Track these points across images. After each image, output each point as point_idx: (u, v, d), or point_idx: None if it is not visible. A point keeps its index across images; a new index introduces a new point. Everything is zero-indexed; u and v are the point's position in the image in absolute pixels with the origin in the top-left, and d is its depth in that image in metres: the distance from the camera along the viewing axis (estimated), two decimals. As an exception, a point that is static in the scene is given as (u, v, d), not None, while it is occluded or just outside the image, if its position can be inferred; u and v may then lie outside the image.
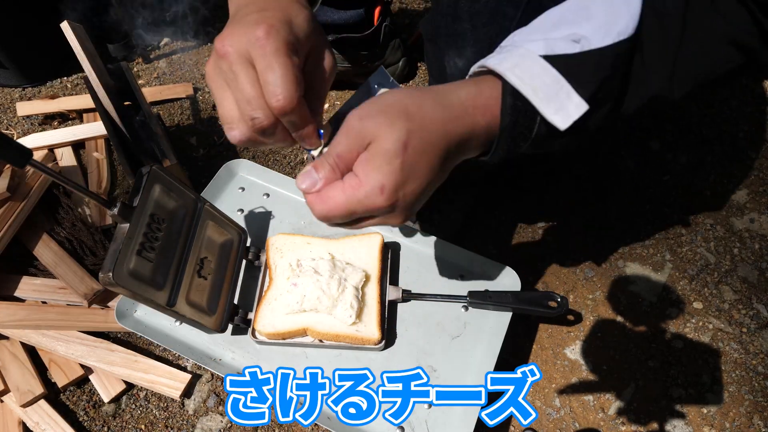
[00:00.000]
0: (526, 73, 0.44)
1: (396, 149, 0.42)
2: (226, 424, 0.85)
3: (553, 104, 0.45)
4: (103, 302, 0.93)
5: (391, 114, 0.43)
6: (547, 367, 0.90)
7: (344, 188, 0.44)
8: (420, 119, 0.43)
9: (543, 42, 0.45)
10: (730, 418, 0.85)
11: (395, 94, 0.45)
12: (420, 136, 0.43)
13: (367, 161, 0.43)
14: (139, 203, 0.62)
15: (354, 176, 0.44)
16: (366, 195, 0.43)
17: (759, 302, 0.96)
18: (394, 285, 0.82)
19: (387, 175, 0.43)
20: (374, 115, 0.43)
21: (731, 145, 1.15)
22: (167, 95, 1.26)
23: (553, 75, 0.44)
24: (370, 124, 0.43)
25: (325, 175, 0.46)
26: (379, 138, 0.43)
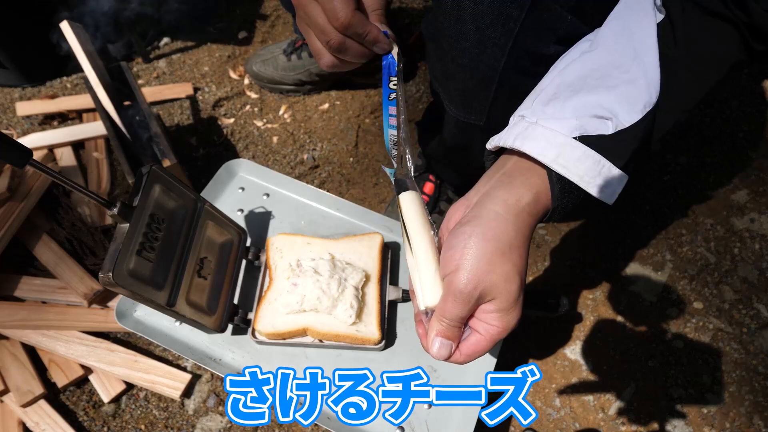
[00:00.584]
0: (570, 161, 0.47)
1: (518, 292, 0.48)
2: (226, 424, 0.85)
3: (598, 183, 0.48)
4: (103, 302, 0.93)
5: (499, 267, 0.47)
6: (547, 367, 0.90)
7: (486, 338, 0.50)
8: (515, 250, 0.48)
9: (574, 121, 0.48)
10: (730, 418, 0.85)
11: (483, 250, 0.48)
12: (521, 261, 0.49)
13: (503, 315, 0.48)
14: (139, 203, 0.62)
15: (491, 326, 0.49)
16: (506, 333, 0.49)
17: (759, 302, 0.96)
18: (394, 285, 0.82)
19: (516, 312, 0.49)
20: (483, 275, 0.47)
21: (731, 145, 1.15)
22: (167, 95, 1.26)
23: (593, 157, 0.48)
24: (486, 286, 0.47)
25: (456, 337, 0.51)
26: (501, 292, 0.47)
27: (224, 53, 1.35)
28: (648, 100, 0.48)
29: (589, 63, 0.51)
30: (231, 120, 1.23)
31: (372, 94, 1.27)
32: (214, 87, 1.29)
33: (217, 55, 1.35)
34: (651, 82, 0.48)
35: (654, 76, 0.48)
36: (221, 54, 1.35)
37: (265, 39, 1.39)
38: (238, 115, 1.24)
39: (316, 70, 1.21)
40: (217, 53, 1.36)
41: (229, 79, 1.31)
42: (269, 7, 1.45)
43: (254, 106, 1.26)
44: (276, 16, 1.43)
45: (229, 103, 1.26)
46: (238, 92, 1.28)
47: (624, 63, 0.49)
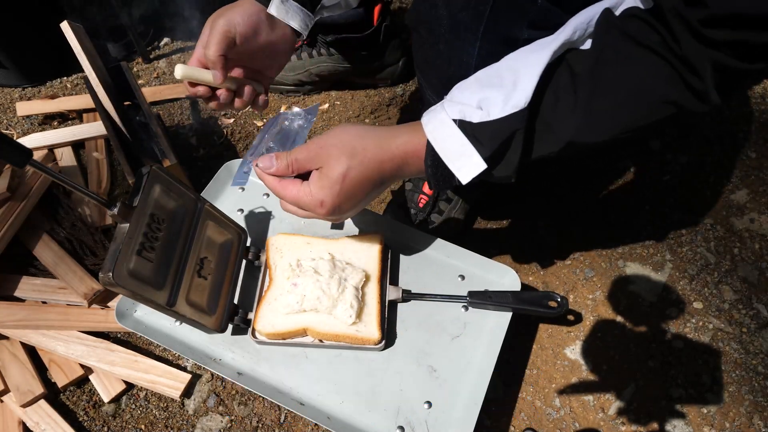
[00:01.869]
0: (440, 135, 0.57)
1: (337, 178, 0.59)
2: (227, 424, 0.85)
3: (458, 162, 0.57)
4: (103, 302, 0.93)
5: (340, 149, 0.59)
6: (547, 367, 0.90)
7: (300, 189, 0.61)
8: (361, 158, 0.59)
9: (459, 107, 0.57)
10: (730, 418, 0.85)
11: (349, 132, 0.61)
12: (358, 170, 0.59)
13: (318, 180, 0.60)
14: (139, 203, 0.62)
15: (308, 186, 0.61)
16: (310, 202, 0.61)
17: (759, 302, 0.96)
18: (394, 285, 0.82)
19: (327, 196, 0.60)
20: (329, 146, 0.60)
21: (731, 145, 1.15)
22: (167, 95, 1.26)
23: (460, 140, 0.57)
24: (324, 153, 0.60)
25: (281, 166, 0.62)
26: (328, 166, 0.59)
27: (224, 53, 1.35)
28: (517, 102, 0.55)
29: (499, 63, 0.59)
30: (231, 120, 1.23)
31: (372, 94, 1.27)
32: (214, 87, 1.29)
33: (217, 55, 1.35)
34: (527, 89, 0.55)
35: (531, 84, 0.54)
36: (221, 54, 1.35)
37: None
38: (238, 115, 1.24)
39: (316, 71, 1.22)
40: (217, 53, 1.36)
41: (229, 79, 1.30)
42: (269, 7, 1.45)
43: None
44: (276, 16, 1.43)
45: (229, 103, 1.26)
46: (238, 92, 1.28)
47: (517, 69, 0.56)
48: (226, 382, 0.88)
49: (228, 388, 0.88)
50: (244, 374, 0.76)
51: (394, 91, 1.27)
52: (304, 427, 0.85)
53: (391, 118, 1.24)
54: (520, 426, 0.85)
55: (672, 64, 0.49)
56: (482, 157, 0.56)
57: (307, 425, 0.85)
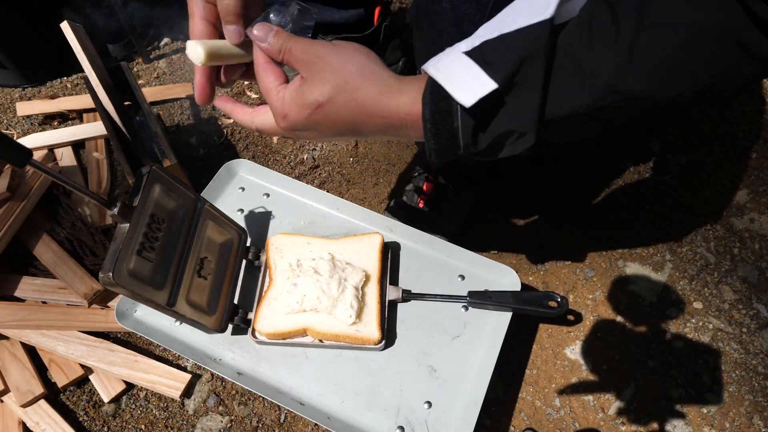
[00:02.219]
0: (444, 65, 0.48)
1: (311, 103, 0.51)
2: (227, 424, 0.85)
3: (461, 85, 0.46)
4: (103, 302, 0.93)
5: (333, 74, 0.50)
6: (547, 367, 0.90)
7: (277, 87, 0.53)
8: (347, 97, 0.50)
9: (468, 41, 0.49)
10: (730, 418, 0.85)
11: (354, 62, 0.51)
12: (337, 108, 0.51)
13: (295, 91, 0.52)
14: (139, 203, 0.62)
15: (284, 89, 0.53)
16: (276, 106, 0.53)
17: (759, 302, 0.96)
18: (394, 285, 0.82)
19: (293, 113, 0.52)
20: (326, 63, 0.51)
21: (731, 145, 1.15)
22: (167, 95, 1.26)
23: (466, 62, 0.47)
24: (317, 66, 0.51)
25: (274, 46, 0.53)
26: (311, 84, 0.51)
27: (224, 53, 1.35)
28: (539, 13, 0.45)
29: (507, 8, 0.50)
30: (231, 120, 1.23)
31: (372, 94, 1.27)
32: (214, 87, 1.29)
33: (217, 55, 1.35)
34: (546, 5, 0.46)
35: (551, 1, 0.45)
36: (221, 54, 1.35)
37: (265, 39, 1.39)
38: (238, 115, 1.24)
39: (316, 70, 1.21)
40: (217, 53, 1.36)
41: (229, 79, 1.31)
42: (269, 7, 1.45)
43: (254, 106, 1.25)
44: (276, 16, 1.43)
45: (229, 103, 1.26)
46: (238, 92, 1.28)
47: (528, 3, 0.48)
48: (226, 382, 0.88)
49: (228, 388, 0.88)
50: (244, 374, 0.76)
51: (394, 91, 1.27)
52: (304, 427, 0.85)
53: (391, 118, 1.23)
54: (520, 426, 0.85)
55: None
56: (492, 79, 0.45)
57: (307, 425, 0.85)
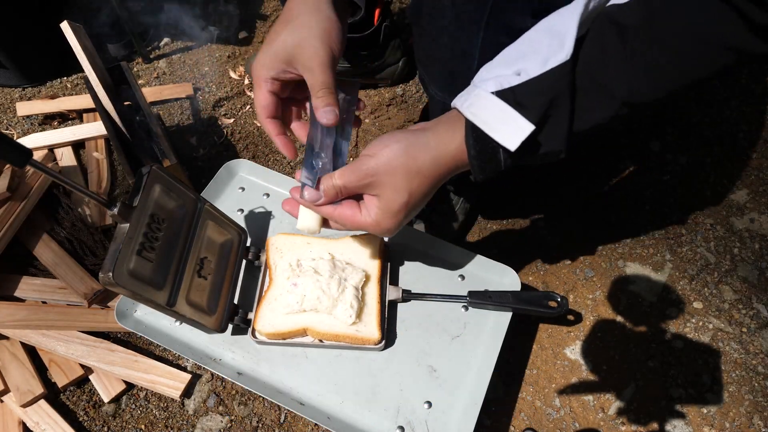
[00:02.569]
0: (479, 109, 0.53)
1: (400, 208, 0.57)
2: (227, 424, 0.85)
3: (503, 130, 0.52)
4: (103, 302, 0.93)
5: (397, 177, 0.56)
6: (547, 367, 0.90)
7: (361, 218, 0.59)
8: (420, 178, 0.56)
9: (494, 80, 0.53)
10: (730, 418, 0.85)
11: (400, 154, 0.56)
12: (418, 193, 0.57)
13: (380, 209, 0.57)
14: (139, 203, 0.62)
15: (368, 214, 0.58)
16: (374, 229, 0.59)
17: (759, 302, 0.96)
18: (394, 285, 0.82)
19: (392, 224, 0.58)
20: (383, 174, 0.56)
21: (731, 145, 1.15)
22: (167, 95, 1.26)
23: (501, 106, 0.52)
24: (378, 181, 0.56)
25: (329, 195, 0.58)
26: (386, 196, 0.57)
27: (224, 53, 1.36)
28: (561, 57, 0.51)
29: (524, 35, 0.56)
30: (231, 120, 1.23)
31: (372, 94, 1.27)
32: (214, 87, 1.29)
33: (217, 55, 1.35)
34: (561, 42, 0.52)
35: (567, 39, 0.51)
36: (221, 54, 1.35)
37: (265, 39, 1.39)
38: (238, 115, 1.24)
39: (316, 70, 1.21)
40: (217, 53, 1.36)
41: (229, 79, 1.31)
42: (269, 7, 1.45)
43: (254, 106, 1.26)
44: (276, 16, 1.43)
45: (229, 103, 1.26)
46: (238, 92, 1.28)
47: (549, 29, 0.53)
48: (226, 382, 0.88)
49: (228, 388, 0.88)
50: (244, 374, 0.76)
51: (394, 91, 1.27)
52: (304, 427, 0.85)
53: (391, 118, 1.23)
54: (520, 426, 0.85)
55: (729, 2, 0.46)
56: (527, 120, 0.52)
57: (307, 425, 0.85)
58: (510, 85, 0.52)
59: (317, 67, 0.56)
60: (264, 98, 0.60)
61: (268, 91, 0.60)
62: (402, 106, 1.25)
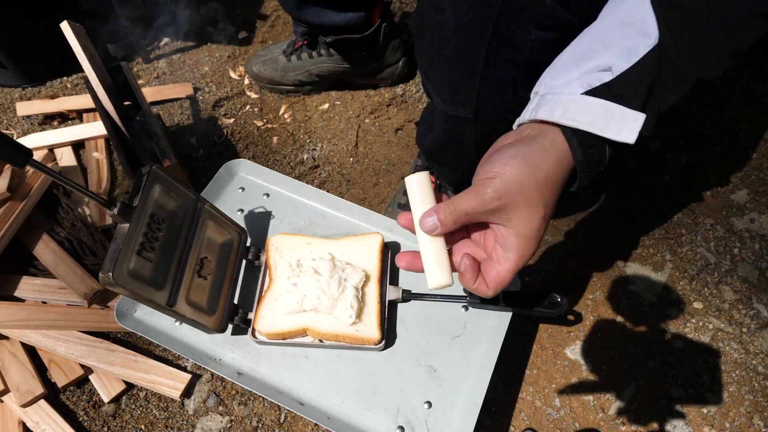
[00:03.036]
0: (577, 113, 0.50)
1: (540, 225, 0.51)
2: (227, 424, 0.85)
3: (613, 127, 0.49)
4: (103, 302, 0.93)
5: (530, 192, 0.50)
6: (547, 367, 0.90)
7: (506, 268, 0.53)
8: (550, 186, 0.51)
9: (578, 81, 0.51)
10: (730, 418, 0.85)
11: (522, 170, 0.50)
12: (552, 201, 0.52)
13: (518, 238, 0.51)
14: (139, 203, 0.62)
15: (506, 256, 0.52)
16: (519, 267, 0.52)
17: (759, 302, 0.96)
18: (394, 285, 0.82)
19: (535, 246, 0.52)
20: (512, 194, 0.50)
21: (731, 145, 1.15)
22: (167, 95, 1.26)
23: (601, 104, 0.49)
24: (509, 203, 0.50)
25: (447, 224, 0.52)
26: (522, 218, 0.51)
27: (224, 53, 1.36)
28: (645, 43, 0.50)
29: (587, 35, 0.54)
30: (231, 120, 1.23)
31: (372, 94, 1.27)
32: (214, 87, 1.29)
33: (217, 55, 1.35)
34: (643, 29, 0.50)
35: (647, 22, 0.50)
36: (221, 54, 1.35)
37: (265, 39, 1.39)
38: (238, 115, 1.24)
39: (316, 71, 1.22)
40: (217, 53, 1.36)
41: (229, 79, 1.31)
42: (269, 7, 1.45)
43: (254, 106, 1.26)
44: (276, 16, 1.43)
45: (229, 103, 1.26)
46: (238, 92, 1.28)
47: (617, 25, 0.52)
48: (226, 382, 0.88)
49: (228, 388, 0.88)
50: (244, 374, 0.76)
51: (394, 91, 1.27)
52: (304, 427, 0.85)
53: (391, 118, 1.24)
54: (520, 426, 0.85)
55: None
56: (636, 110, 0.49)
57: (307, 425, 0.85)
58: (602, 82, 0.50)
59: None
60: None
61: None
62: (402, 106, 1.25)
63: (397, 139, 1.20)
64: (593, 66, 0.52)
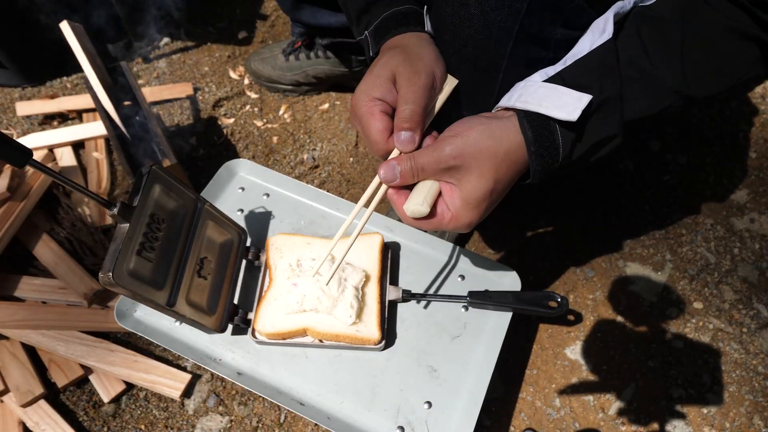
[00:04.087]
0: (530, 95, 0.53)
1: (484, 196, 0.53)
2: (227, 424, 0.85)
3: (558, 106, 0.51)
4: (103, 302, 0.93)
5: (484, 160, 0.52)
6: (547, 367, 0.90)
7: (441, 219, 0.55)
8: (507, 163, 0.53)
9: (539, 73, 0.55)
10: (730, 418, 0.85)
11: (485, 138, 0.52)
12: (505, 179, 0.54)
13: (461, 200, 0.54)
14: (139, 203, 0.62)
15: (448, 210, 0.55)
16: (456, 226, 0.55)
17: (759, 302, 0.96)
18: (394, 285, 0.82)
19: (475, 215, 0.54)
20: (467, 156, 0.52)
21: (731, 145, 1.15)
22: (167, 95, 1.26)
23: (551, 87, 0.52)
24: (463, 164, 0.52)
25: (404, 174, 0.55)
26: (469, 182, 0.53)
27: (224, 53, 1.36)
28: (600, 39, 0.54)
29: None
30: (231, 120, 1.23)
31: (372, 94, 1.27)
32: (214, 87, 1.29)
33: (217, 55, 1.35)
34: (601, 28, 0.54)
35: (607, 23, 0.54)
36: (221, 54, 1.35)
37: (265, 39, 1.39)
38: (238, 115, 1.24)
39: (313, 72, 1.21)
40: (217, 53, 1.36)
41: (229, 79, 1.31)
42: (269, 7, 1.45)
43: (254, 106, 1.26)
44: (276, 16, 1.43)
45: (229, 103, 1.26)
46: (238, 92, 1.28)
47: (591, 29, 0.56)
48: (226, 382, 0.88)
49: (228, 388, 0.88)
50: (244, 374, 0.76)
51: (394, 91, 1.27)
52: (304, 427, 0.85)
53: (391, 118, 1.24)
54: (520, 426, 0.85)
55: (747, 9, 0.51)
56: (583, 93, 0.51)
57: (307, 425, 0.85)
58: (556, 71, 0.54)
59: (414, 82, 0.54)
60: (380, 120, 0.55)
61: (380, 112, 0.56)
62: (402, 106, 1.25)
63: (397, 139, 1.20)
64: (561, 65, 0.55)
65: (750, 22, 0.51)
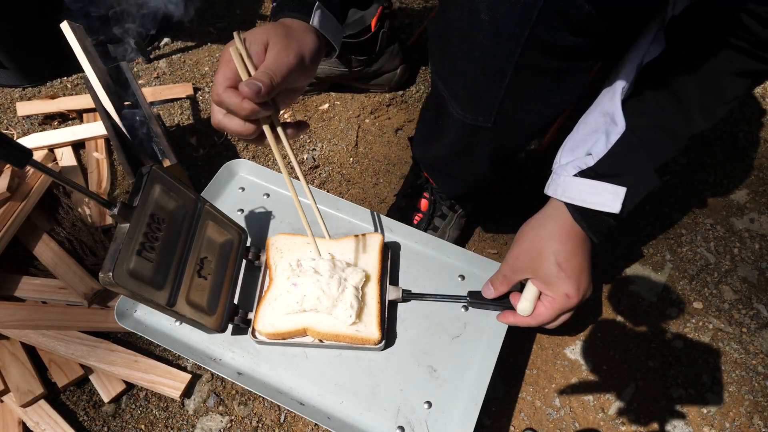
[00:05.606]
0: (573, 192, 0.67)
1: (558, 276, 0.69)
2: (227, 424, 0.85)
3: (600, 200, 0.65)
4: (103, 302, 0.93)
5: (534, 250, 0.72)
6: (547, 367, 0.90)
7: (546, 306, 0.72)
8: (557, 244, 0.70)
9: (572, 164, 0.67)
10: (730, 418, 0.85)
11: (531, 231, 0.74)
12: (564, 262, 0.69)
13: (547, 284, 0.70)
14: (139, 203, 0.62)
15: (546, 296, 0.72)
16: (561, 304, 0.70)
17: (759, 302, 0.96)
18: (394, 285, 0.82)
19: (566, 286, 0.69)
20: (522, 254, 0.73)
21: (731, 146, 1.15)
22: (167, 95, 1.26)
23: (588, 183, 0.66)
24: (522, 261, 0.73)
25: (499, 287, 0.76)
26: (538, 270, 0.71)
27: (224, 53, 1.35)
28: (615, 131, 0.66)
29: (586, 119, 0.70)
30: (231, 120, 1.23)
31: (372, 94, 1.27)
32: (214, 87, 1.29)
33: (217, 55, 1.35)
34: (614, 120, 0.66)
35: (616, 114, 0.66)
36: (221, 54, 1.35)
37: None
38: (238, 115, 1.24)
39: (313, 72, 1.21)
40: (217, 53, 1.36)
41: (229, 79, 1.30)
42: (269, 7, 1.45)
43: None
44: (276, 16, 1.43)
45: (229, 103, 1.26)
46: (238, 92, 1.28)
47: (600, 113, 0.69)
48: (226, 382, 0.88)
49: (228, 388, 0.88)
50: (244, 374, 0.76)
51: (395, 92, 1.27)
52: (304, 427, 0.85)
53: (391, 118, 1.24)
54: (520, 426, 0.85)
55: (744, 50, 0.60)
56: (618, 185, 0.64)
57: (307, 425, 0.85)
58: (587, 165, 0.66)
59: (281, 57, 0.56)
60: (231, 70, 0.57)
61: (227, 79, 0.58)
62: (402, 107, 1.25)
63: (397, 139, 1.20)
64: (584, 150, 0.67)
65: (753, 61, 0.60)
